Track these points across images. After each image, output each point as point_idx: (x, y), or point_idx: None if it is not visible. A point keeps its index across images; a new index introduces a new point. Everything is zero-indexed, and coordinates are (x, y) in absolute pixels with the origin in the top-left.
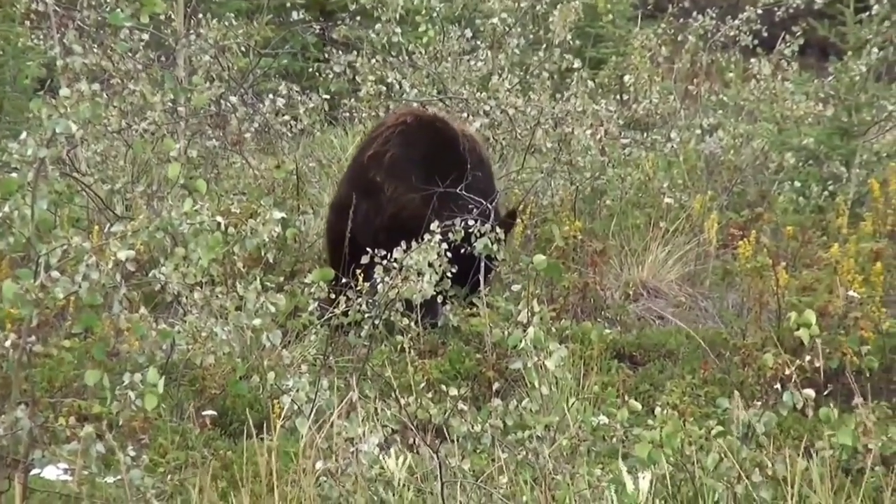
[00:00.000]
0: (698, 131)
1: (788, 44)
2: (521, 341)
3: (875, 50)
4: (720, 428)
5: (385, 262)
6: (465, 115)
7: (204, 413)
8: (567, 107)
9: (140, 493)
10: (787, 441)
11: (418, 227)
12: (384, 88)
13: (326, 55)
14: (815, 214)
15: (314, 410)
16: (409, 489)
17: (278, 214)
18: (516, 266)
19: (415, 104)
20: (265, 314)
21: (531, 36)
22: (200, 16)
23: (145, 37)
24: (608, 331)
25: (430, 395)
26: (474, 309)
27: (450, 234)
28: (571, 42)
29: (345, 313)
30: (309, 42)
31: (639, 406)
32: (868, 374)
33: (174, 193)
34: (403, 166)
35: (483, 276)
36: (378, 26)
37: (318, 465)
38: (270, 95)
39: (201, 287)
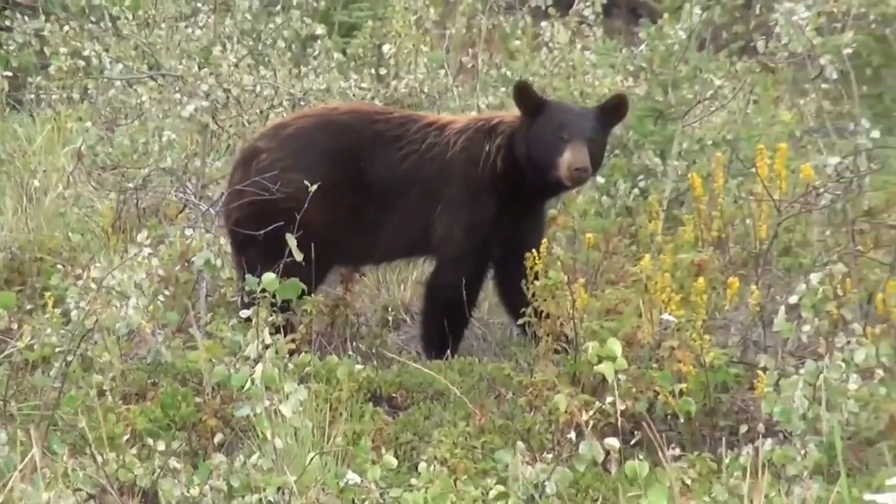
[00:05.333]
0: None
1: (589, 3)
2: (249, 381)
3: (697, 10)
4: (500, 488)
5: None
6: (179, 96)
7: None
8: (309, 85)
9: None
10: (586, 503)
11: (296, 220)
12: (81, 63)
13: (7, 21)
14: (623, 218)
15: None
16: None
17: None
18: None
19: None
20: None
21: None
22: None
23: None
24: (361, 367)
25: (134, 450)
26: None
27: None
28: (316, 3)
29: (29, 347)
30: None
31: (394, 462)
32: (687, 419)
33: None
34: (306, 142)
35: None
36: None
37: None
38: None
39: None
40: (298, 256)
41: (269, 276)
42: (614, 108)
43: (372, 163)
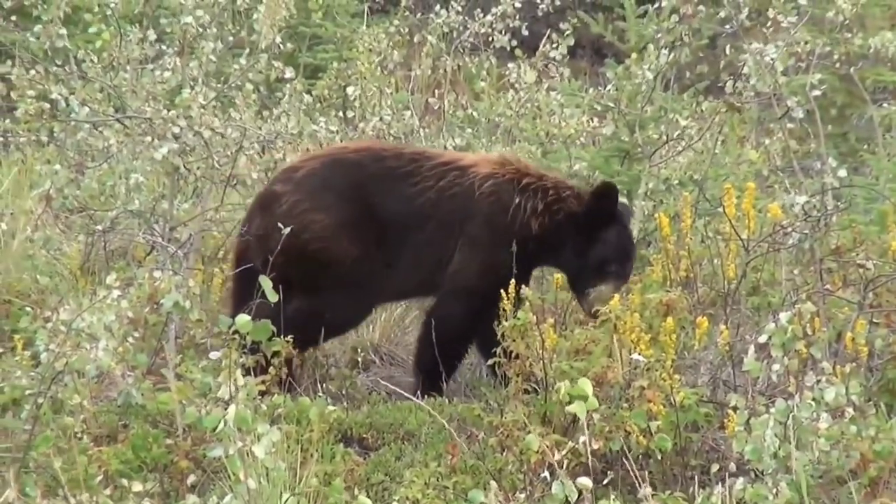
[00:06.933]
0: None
1: (555, 44)
2: (221, 422)
3: (664, 51)
4: None
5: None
6: (148, 138)
7: None
8: (277, 127)
9: None
10: None
11: (328, 259)
12: (48, 106)
13: None
14: None
15: None
16: None
17: None
18: (215, 328)
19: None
20: None
21: (231, 38)
22: None
23: None
24: (332, 407)
25: (108, 491)
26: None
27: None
28: (282, 45)
29: None
30: None
31: (368, 502)
32: (658, 458)
33: None
34: (321, 182)
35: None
36: (38, 28)
37: None
38: None
39: None
40: (273, 298)
41: (242, 318)
42: None
43: (385, 198)
